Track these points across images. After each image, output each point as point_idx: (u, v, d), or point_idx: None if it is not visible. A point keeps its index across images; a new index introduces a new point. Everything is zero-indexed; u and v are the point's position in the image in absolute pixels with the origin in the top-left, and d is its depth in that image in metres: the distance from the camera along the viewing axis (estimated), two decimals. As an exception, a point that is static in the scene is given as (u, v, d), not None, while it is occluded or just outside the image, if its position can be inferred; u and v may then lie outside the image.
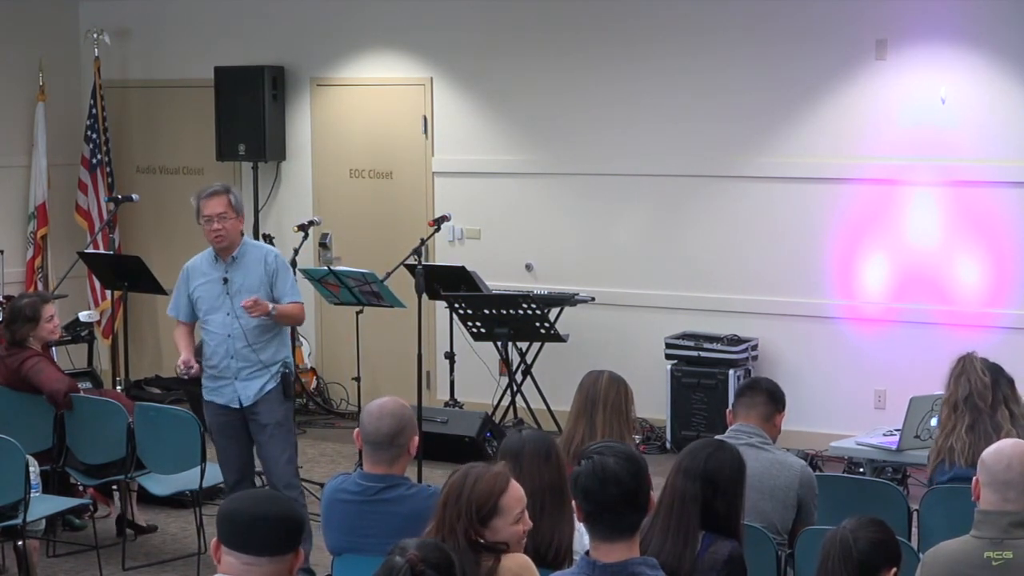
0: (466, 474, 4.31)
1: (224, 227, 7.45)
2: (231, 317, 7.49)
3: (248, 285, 7.50)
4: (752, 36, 10.33)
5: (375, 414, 5.05)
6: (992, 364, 6.38)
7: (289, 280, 7.65)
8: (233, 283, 7.50)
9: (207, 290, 7.55)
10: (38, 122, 12.23)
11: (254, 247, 7.70)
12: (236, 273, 7.52)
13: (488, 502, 4.25)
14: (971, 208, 9.82)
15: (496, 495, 4.25)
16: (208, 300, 7.55)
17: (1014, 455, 4.42)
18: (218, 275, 7.53)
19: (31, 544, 7.38)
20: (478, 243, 11.30)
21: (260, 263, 7.56)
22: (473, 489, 4.26)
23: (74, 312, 10.86)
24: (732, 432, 5.74)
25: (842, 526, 4.24)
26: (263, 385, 7.54)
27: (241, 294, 7.47)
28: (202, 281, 7.57)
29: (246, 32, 12.05)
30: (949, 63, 9.78)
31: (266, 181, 11.94)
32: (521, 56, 11.07)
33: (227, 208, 7.46)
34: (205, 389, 7.63)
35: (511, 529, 4.25)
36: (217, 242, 7.49)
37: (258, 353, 7.51)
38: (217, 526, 3.52)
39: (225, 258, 7.53)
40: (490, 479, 4.28)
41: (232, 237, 7.50)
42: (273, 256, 7.64)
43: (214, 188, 7.59)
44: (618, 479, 3.92)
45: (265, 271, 7.54)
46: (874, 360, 10.05)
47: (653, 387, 10.33)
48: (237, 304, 7.45)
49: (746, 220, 10.46)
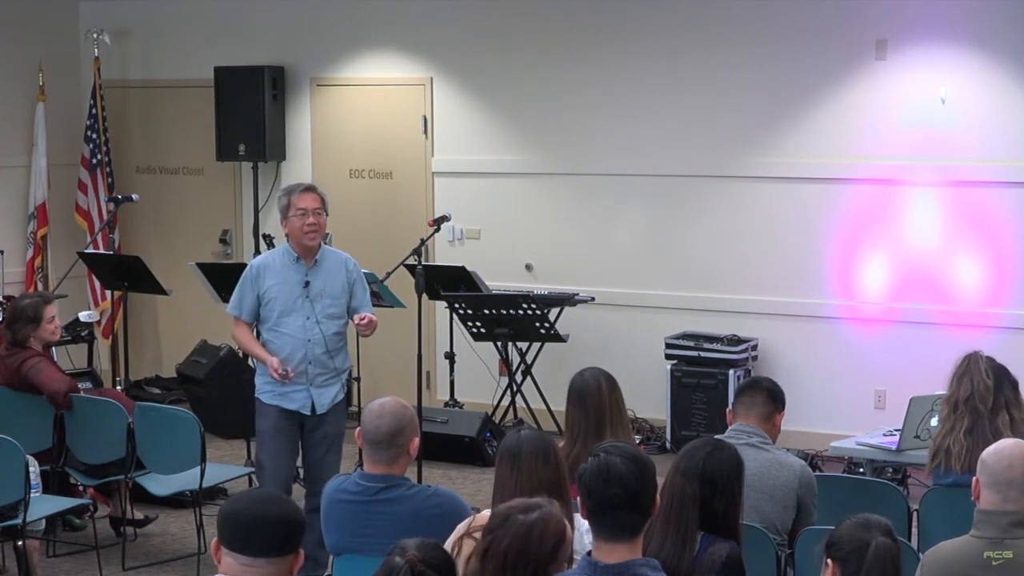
0: (528, 531, 3.80)
1: (319, 222, 7.31)
2: (312, 321, 7.32)
3: (330, 291, 7.36)
4: (752, 36, 10.33)
5: (375, 413, 5.05)
6: (997, 365, 6.31)
7: (367, 290, 7.54)
8: (314, 287, 7.33)
9: (283, 291, 7.33)
10: (38, 122, 12.22)
11: (333, 252, 7.52)
12: (317, 277, 7.35)
13: (556, 552, 3.85)
14: (971, 208, 9.82)
15: (561, 542, 3.85)
16: (284, 302, 7.34)
17: (1014, 455, 4.43)
18: (298, 277, 7.33)
19: (31, 544, 7.38)
20: (478, 243, 11.30)
21: (342, 269, 7.41)
22: (541, 544, 3.81)
23: (74, 312, 10.86)
24: (732, 432, 5.73)
25: (888, 546, 4.02)
26: (336, 393, 7.44)
27: (322, 299, 7.33)
28: (277, 281, 7.35)
29: (246, 32, 12.05)
30: (949, 63, 9.78)
31: (266, 181, 11.93)
32: (521, 56, 11.07)
33: (321, 204, 7.35)
34: (267, 393, 7.38)
35: (565, 566, 3.94)
36: (310, 238, 7.29)
37: (334, 360, 7.40)
38: (217, 527, 3.52)
39: (309, 260, 7.35)
40: (553, 528, 3.84)
41: (322, 235, 7.38)
42: (353, 264, 7.49)
43: (309, 184, 7.54)
44: (622, 479, 3.92)
45: (347, 278, 7.41)
46: (874, 360, 10.05)
47: (653, 387, 10.34)
48: (319, 308, 7.31)
49: (746, 220, 10.46)
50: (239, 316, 7.46)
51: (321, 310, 7.33)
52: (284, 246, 7.46)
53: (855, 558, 4.02)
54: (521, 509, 3.86)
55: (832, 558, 4.06)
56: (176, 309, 12.08)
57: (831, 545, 4.07)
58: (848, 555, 4.04)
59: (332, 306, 7.39)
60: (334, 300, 7.37)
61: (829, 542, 4.07)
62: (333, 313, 7.40)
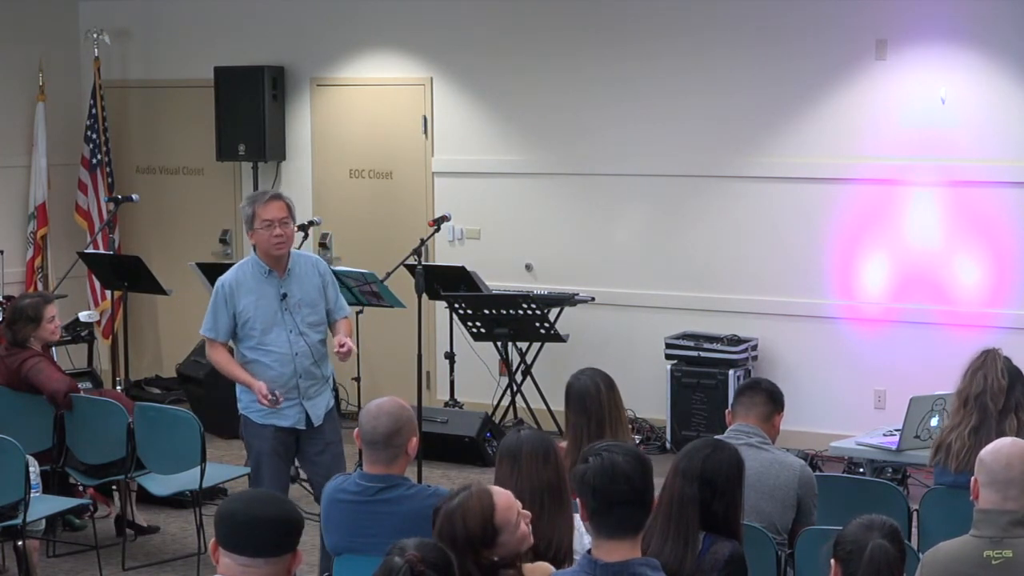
0: (450, 517, 4.12)
1: (286, 233, 7.02)
2: (295, 335, 7.06)
3: (308, 299, 7.11)
4: (752, 36, 10.33)
5: (372, 414, 5.05)
6: (1013, 367, 6.23)
7: (338, 289, 7.32)
8: (292, 297, 7.06)
9: (261, 307, 7.05)
10: (38, 122, 12.22)
11: (300, 256, 7.25)
12: (293, 286, 7.08)
13: (485, 530, 4.12)
14: (971, 208, 9.82)
15: (488, 519, 4.13)
16: (264, 319, 7.05)
17: (1013, 454, 4.42)
18: (273, 291, 7.06)
19: (31, 544, 7.38)
20: (478, 243, 11.30)
21: (314, 273, 7.16)
22: (465, 527, 4.10)
23: (74, 312, 10.86)
24: (731, 432, 5.73)
25: (886, 549, 3.99)
26: (328, 401, 7.24)
27: (301, 309, 7.08)
28: (253, 298, 7.05)
29: (246, 32, 12.05)
30: (949, 63, 9.78)
31: (266, 181, 11.93)
32: (521, 56, 11.07)
33: (288, 213, 7.05)
34: (257, 412, 7.09)
35: (517, 535, 4.21)
36: (278, 249, 7.01)
37: (321, 368, 7.16)
38: (215, 527, 3.52)
39: (281, 271, 7.08)
40: (475, 507, 4.13)
41: (290, 245, 7.12)
42: (324, 265, 7.28)
43: (273, 192, 7.21)
44: (628, 476, 3.93)
45: (320, 282, 7.18)
46: (874, 360, 10.05)
47: (653, 387, 10.34)
48: (299, 319, 7.07)
49: (746, 220, 10.46)
50: (215, 338, 7.13)
51: (302, 320, 7.09)
52: (252, 258, 7.14)
53: (854, 559, 4.02)
54: (447, 499, 4.18)
55: (835, 557, 4.06)
56: (176, 309, 12.08)
57: (836, 544, 4.07)
58: (849, 555, 4.04)
59: (311, 314, 7.15)
60: (312, 308, 7.13)
61: (835, 541, 4.07)
62: (313, 321, 7.16)
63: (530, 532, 4.25)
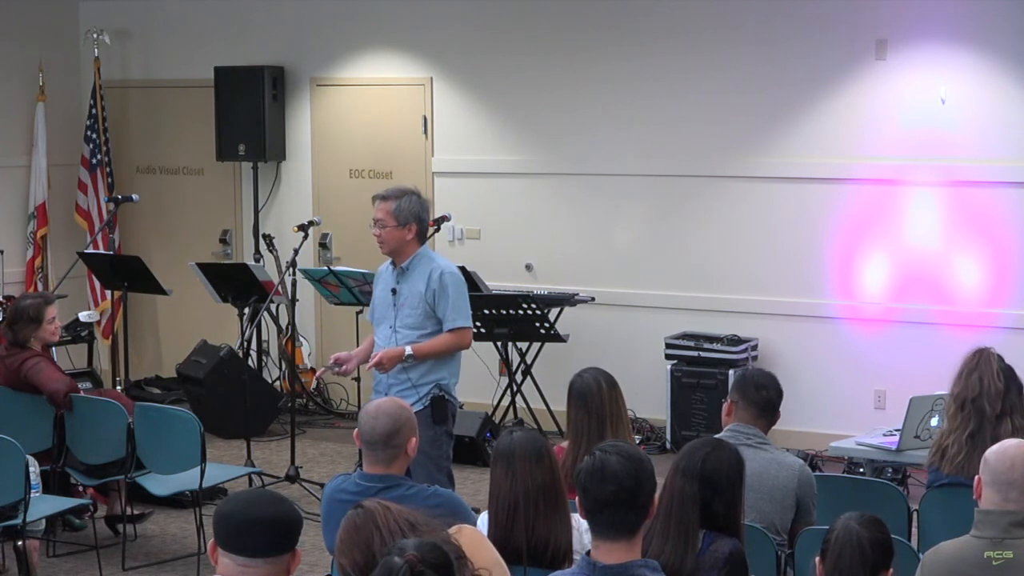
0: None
1: (382, 235, 7.13)
2: (391, 330, 7.18)
3: (410, 300, 7.18)
4: (752, 36, 10.33)
5: (371, 414, 5.06)
6: (1007, 367, 6.20)
7: (451, 301, 7.17)
8: (400, 295, 7.17)
9: (381, 298, 7.28)
10: (38, 122, 12.22)
11: (425, 260, 7.22)
12: (404, 285, 7.18)
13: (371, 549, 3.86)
14: (971, 208, 9.82)
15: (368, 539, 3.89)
16: (380, 308, 7.27)
17: (1016, 456, 4.43)
18: (391, 284, 7.23)
19: (31, 544, 7.38)
20: (478, 243, 11.30)
21: (424, 278, 7.15)
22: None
23: (74, 312, 10.85)
24: (729, 432, 5.72)
25: (851, 528, 4.12)
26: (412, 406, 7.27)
27: (404, 308, 7.17)
28: (379, 289, 7.30)
29: (246, 32, 12.05)
30: (949, 63, 9.78)
31: (266, 181, 11.93)
32: (521, 56, 11.07)
33: (386, 215, 7.12)
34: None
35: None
36: (381, 247, 7.21)
37: (408, 371, 7.14)
38: (213, 528, 3.52)
39: (397, 267, 7.23)
40: (361, 526, 3.91)
41: (392, 245, 7.15)
42: (439, 273, 7.17)
43: (385, 192, 7.30)
44: (616, 477, 3.92)
45: (427, 287, 7.14)
46: (874, 360, 10.04)
47: (653, 387, 10.34)
48: (399, 318, 7.16)
49: (746, 220, 10.46)
50: (370, 319, 7.46)
51: (400, 319, 7.18)
52: None
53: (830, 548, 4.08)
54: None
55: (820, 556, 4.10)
56: (176, 309, 12.08)
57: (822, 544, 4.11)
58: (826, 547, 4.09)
59: (409, 316, 7.19)
60: (412, 310, 7.17)
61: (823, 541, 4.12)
62: (411, 323, 7.18)
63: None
